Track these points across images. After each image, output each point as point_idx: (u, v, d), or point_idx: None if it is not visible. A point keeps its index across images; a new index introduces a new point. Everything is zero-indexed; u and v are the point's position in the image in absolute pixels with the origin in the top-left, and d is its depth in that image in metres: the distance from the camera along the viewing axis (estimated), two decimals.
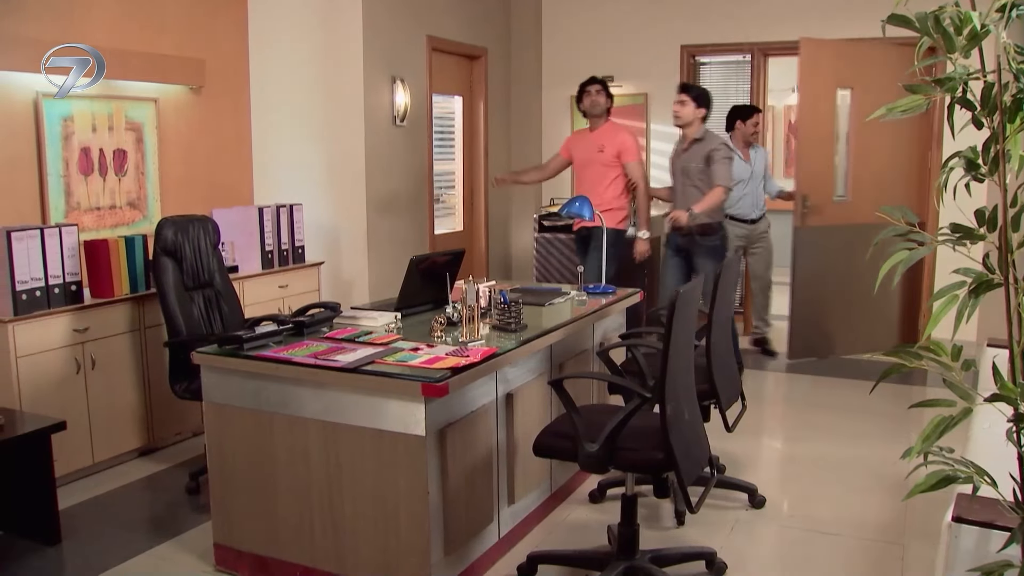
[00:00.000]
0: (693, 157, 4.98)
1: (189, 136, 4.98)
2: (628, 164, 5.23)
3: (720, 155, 4.90)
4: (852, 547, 3.28)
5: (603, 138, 5.27)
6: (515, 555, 3.17)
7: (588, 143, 5.34)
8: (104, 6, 4.41)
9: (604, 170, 5.24)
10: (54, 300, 3.75)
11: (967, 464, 1.61)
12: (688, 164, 5.01)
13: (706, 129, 5.02)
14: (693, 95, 4.99)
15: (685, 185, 5.05)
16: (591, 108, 5.28)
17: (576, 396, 2.83)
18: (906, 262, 1.64)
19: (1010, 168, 1.58)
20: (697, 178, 4.96)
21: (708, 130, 5.03)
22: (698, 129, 4.99)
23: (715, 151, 4.90)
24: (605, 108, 5.28)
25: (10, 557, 3.20)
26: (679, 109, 5.00)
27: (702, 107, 4.98)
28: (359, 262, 5.38)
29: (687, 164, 5.01)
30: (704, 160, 4.93)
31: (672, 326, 2.55)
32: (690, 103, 4.96)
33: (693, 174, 4.98)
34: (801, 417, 4.86)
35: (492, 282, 3.87)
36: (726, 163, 4.91)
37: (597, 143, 5.28)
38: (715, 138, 5.00)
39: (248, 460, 2.95)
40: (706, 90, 5.09)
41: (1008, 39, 1.58)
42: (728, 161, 4.94)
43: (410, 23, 5.67)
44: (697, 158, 4.95)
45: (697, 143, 4.98)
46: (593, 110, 5.27)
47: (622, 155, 5.22)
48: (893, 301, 6.29)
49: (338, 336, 3.11)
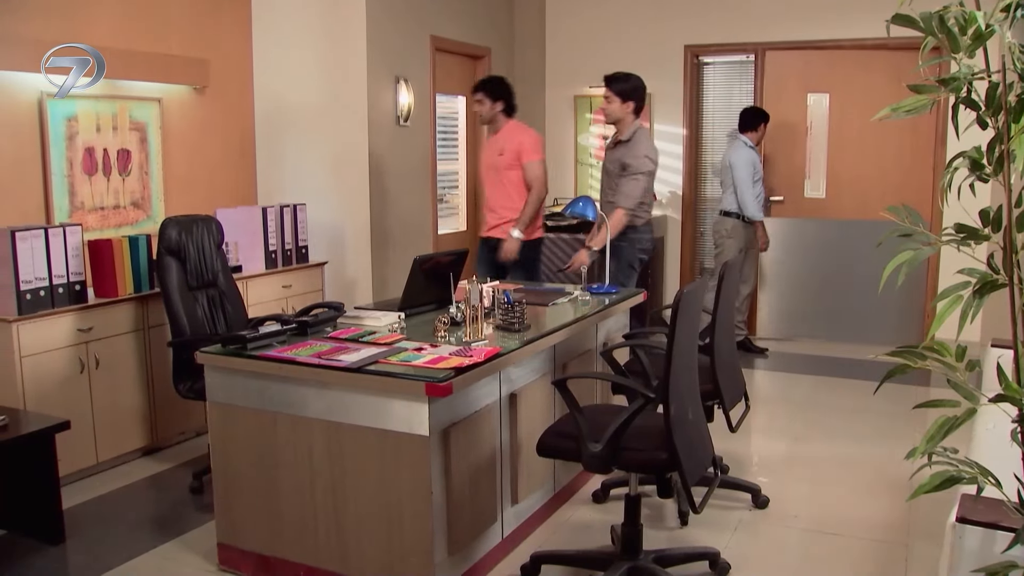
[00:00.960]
0: (614, 159, 4.67)
1: (193, 136, 4.98)
2: (528, 164, 4.80)
3: (633, 169, 4.51)
4: (856, 548, 3.28)
5: (503, 140, 4.89)
6: (518, 555, 3.16)
7: (490, 148, 4.98)
8: (108, 6, 4.42)
9: (506, 174, 4.86)
10: (58, 300, 3.76)
11: (971, 465, 1.61)
12: (609, 165, 4.73)
13: (636, 130, 4.61)
14: (616, 89, 4.57)
15: (605, 185, 4.81)
16: (480, 119, 5.00)
17: (580, 396, 2.83)
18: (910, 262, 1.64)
19: (1015, 168, 1.58)
20: (614, 180, 4.66)
21: (639, 131, 4.62)
22: (628, 129, 4.61)
23: (631, 164, 4.53)
24: (490, 116, 4.87)
25: (14, 556, 3.21)
26: (605, 107, 4.64)
27: (628, 100, 4.57)
28: (363, 262, 5.38)
29: (608, 165, 4.76)
30: (620, 166, 4.59)
31: (676, 326, 2.55)
32: (615, 99, 4.57)
33: (612, 175, 4.69)
34: (804, 417, 4.85)
35: (495, 282, 3.87)
36: (637, 181, 4.51)
37: (497, 147, 4.91)
38: (640, 146, 4.57)
39: (252, 460, 2.96)
40: (630, 78, 4.62)
41: (1013, 39, 1.57)
42: (643, 178, 4.52)
43: (414, 23, 5.67)
44: (616, 162, 4.64)
45: (622, 145, 4.63)
46: (482, 121, 4.97)
47: (522, 155, 4.81)
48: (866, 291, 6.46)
49: (342, 336, 3.11)
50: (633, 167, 4.54)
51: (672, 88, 6.82)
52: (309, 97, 5.37)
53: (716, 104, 6.98)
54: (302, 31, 5.31)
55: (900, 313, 6.43)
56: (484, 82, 4.97)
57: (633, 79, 4.64)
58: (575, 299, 3.91)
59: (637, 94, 4.61)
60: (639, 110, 4.64)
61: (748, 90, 6.77)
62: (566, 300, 3.88)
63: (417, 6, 5.69)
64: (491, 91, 4.86)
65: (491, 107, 4.85)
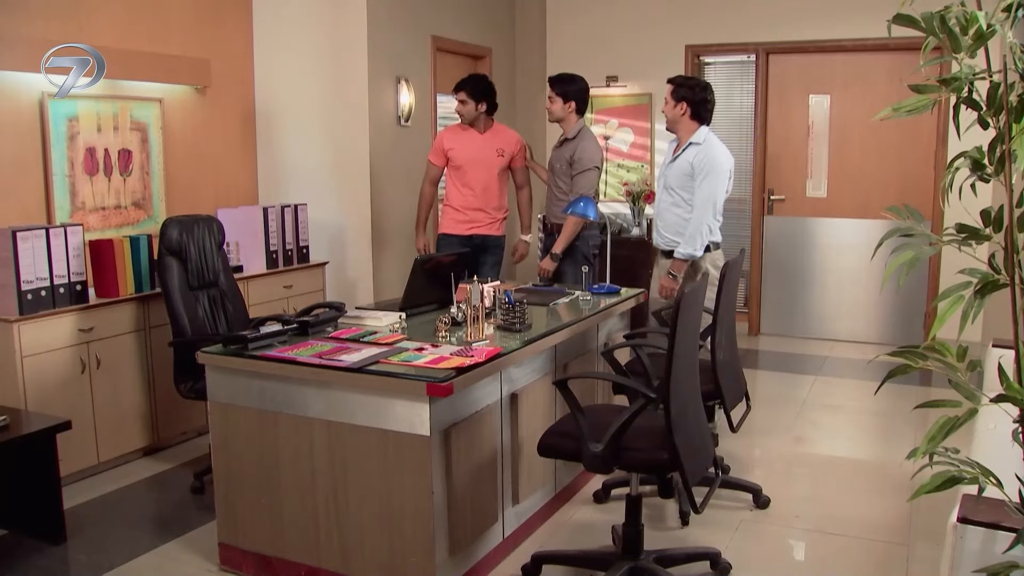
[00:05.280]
0: (560, 157, 4.71)
1: (194, 136, 4.98)
2: (520, 168, 4.99)
3: (582, 165, 4.59)
4: (857, 548, 3.28)
5: (500, 141, 4.90)
6: (519, 555, 3.16)
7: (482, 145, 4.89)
8: (109, 6, 4.42)
9: (503, 174, 4.93)
10: (59, 300, 3.76)
11: (973, 465, 1.61)
12: (555, 163, 4.76)
13: (581, 127, 4.69)
14: (559, 90, 4.66)
15: (551, 183, 4.84)
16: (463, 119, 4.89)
17: (581, 396, 2.83)
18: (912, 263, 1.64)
19: (1016, 168, 1.58)
20: (560, 177, 4.72)
21: (584, 129, 4.70)
22: (572, 127, 4.68)
23: (580, 159, 4.59)
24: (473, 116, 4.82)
25: (15, 556, 3.21)
26: (548, 106, 4.73)
27: (570, 101, 4.65)
28: (364, 262, 5.38)
29: (554, 162, 4.79)
30: (567, 162, 4.65)
31: (677, 326, 2.55)
32: (557, 100, 4.66)
33: (558, 172, 4.73)
34: (805, 417, 4.85)
35: (496, 282, 3.87)
36: (588, 175, 4.59)
37: (493, 146, 4.88)
38: (586, 142, 4.65)
39: (253, 460, 2.96)
40: (574, 80, 4.71)
41: (1014, 39, 1.57)
42: (594, 172, 4.62)
43: (414, 23, 5.67)
44: (562, 158, 4.69)
45: (568, 143, 4.69)
46: (465, 120, 4.87)
47: (516, 159, 4.95)
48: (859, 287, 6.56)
49: (343, 336, 3.11)
50: (582, 161, 4.60)
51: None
52: (310, 97, 5.37)
53: (717, 104, 6.92)
54: (303, 31, 5.31)
55: (901, 313, 6.43)
56: (466, 81, 4.89)
57: (577, 81, 4.72)
58: (576, 299, 3.91)
59: (580, 95, 4.69)
60: (581, 110, 4.72)
61: (749, 90, 6.77)
62: (567, 300, 3.88)
63: (418, 6, 5.69)
64: (473, 91, 4.80)
65: (475, 107, 4.80)
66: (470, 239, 4.94)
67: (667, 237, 4.29)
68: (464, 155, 4.88)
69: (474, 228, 4.93)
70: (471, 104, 4.80)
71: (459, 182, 4.93)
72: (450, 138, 4.94)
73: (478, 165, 4.89)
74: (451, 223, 4.97)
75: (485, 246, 4.94)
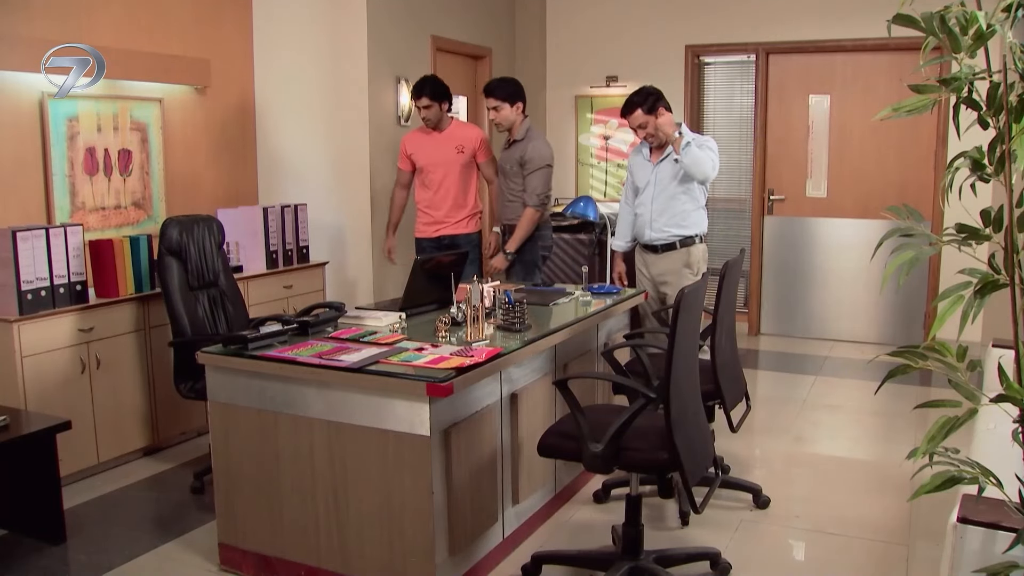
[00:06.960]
0: (510, 159, 4.68)
1: (194, 136, 4.98)
2: (485, 162, 4.91)
3: (533, 164, 4.57)
4: (857, 548, 3.28)
5: (459, 138, 4.86)
6: (519, 555, 3.16)
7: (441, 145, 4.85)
8: (109, 6, 4.42)
9: (466, 171, 4.88)
10: (59, 300, 3.76)
11: (973, 465, 1.61)
12: (504, 165, 4.73)
13: (529, 127, 4.68)
14: (501, 96, 4.60)
15: (502, 185, 4.81)
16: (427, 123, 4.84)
17: (580, 396, 2.83)
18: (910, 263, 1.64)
19: (1016, 168, 1.58)
20: (511, 179, 4.69)
21: (531, 128, 4.70)
22: (520, 128, 4.66)
23: (532, 159, 4.57)
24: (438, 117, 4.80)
25: (15, 556, 3.21)
26: (495, 116, 4.64)
27: (517, 102, 4.62)
28: (364, 262, 5.38)
29: (503, 164, 4.75)
30: (518, 163, 4.62)
31: (677, 326, 2.55)
32: (504, 105, 4.60)
33: (508, 175, 4.71)
34: (805, 417, 4.85)
35: (497, 282, 3.87)
36: (540, 174, 4.58)
37: (452, 144, 4.84)
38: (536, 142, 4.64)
39: (253, 460, 2.96)
40: (510, 81, 4.71)
41: (1014, 39, 1.57)
42: (546, 171, 4.61)
43: (414, 23, 5.67)
44: (512, 159, 4.66)
45: (517, 144, 4.66)
46: (429, 124, 4.84)
47: (479, 154, 4.89)
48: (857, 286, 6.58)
49: (343, 336, 3.11)
50: (534, 161, 4.59)
51: (673, 88, 6.78)
52: (310, 97, 5.37)
53: (717, 105, 6.99)
54: (303, 31, 5.31)
55: (901, 313, 6.43)
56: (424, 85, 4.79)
57: (512, 81, 4.75)
58: (576, 299, 3.91)
59: (521, 93, 4.67)
60: (525, 107, 4.69)
61: (749, 90, 6.77)
62: (567, 300, 3.88)
63: (418, 6, 5.69)
64: (434, 93, 4.75)
65: (439, 108, 4.78)
66: (439, 240, 4.93)
67: (667, 232, 4.31)
68: (424, 157, 4.89)
69: (441, 229, 4.92)
70: (435, 107, 4.78)
71: (421, 184, 4.97)
72: (412, 142, 4.97)
73: (437, 165, 4.88)
74: (421, 226, 5.00)
75: (455, 246, 4.86)
